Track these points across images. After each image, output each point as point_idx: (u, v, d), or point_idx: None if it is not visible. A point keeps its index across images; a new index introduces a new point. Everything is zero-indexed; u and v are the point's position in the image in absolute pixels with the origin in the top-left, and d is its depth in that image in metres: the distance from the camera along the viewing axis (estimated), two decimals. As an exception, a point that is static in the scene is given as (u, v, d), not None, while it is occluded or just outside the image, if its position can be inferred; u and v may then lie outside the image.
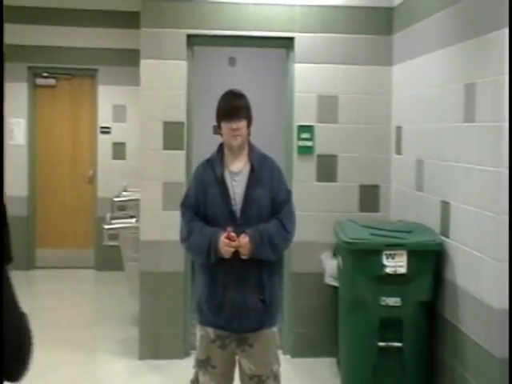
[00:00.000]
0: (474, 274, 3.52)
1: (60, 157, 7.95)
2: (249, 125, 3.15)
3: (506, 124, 3.20)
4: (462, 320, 3.66)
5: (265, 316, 3.09)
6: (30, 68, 7.69)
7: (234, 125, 3.07)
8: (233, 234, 2.98)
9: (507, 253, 3.22)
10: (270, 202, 3.11)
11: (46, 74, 7.83)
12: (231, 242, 2.98)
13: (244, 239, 2.99)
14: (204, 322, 3.15)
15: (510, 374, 3.14)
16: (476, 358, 3.48)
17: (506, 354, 3.21)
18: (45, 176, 7.91)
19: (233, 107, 3.09)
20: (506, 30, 3.18)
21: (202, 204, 3.12)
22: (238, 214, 3.07)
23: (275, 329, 3.18)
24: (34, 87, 7.83)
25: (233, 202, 3.08)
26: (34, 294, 6.83)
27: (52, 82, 7.87)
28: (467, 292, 3.59)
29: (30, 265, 7.71)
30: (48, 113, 7.91)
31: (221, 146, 3.22)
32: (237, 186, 3.10)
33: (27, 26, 7.37)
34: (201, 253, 3.07)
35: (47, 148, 7.91)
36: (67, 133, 7.96)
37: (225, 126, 3.10)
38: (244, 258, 3.00)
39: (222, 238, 2.98)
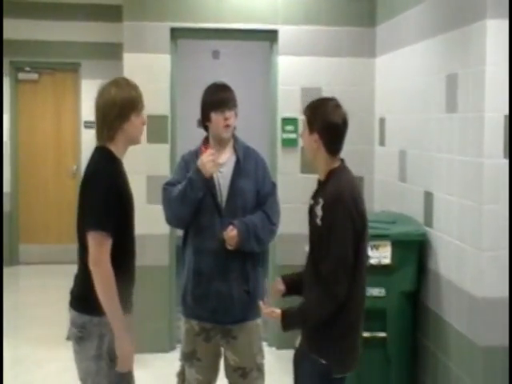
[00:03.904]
0: (456, 264, 3.55)
1: (43, 152, 7.90)
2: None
3: (487, 114, 3.23)
4: (445, 309, 3.69)
5: (249, 307, 3.09)
6: (12, 62, 7.62)
7: (228, 113, 3.07)
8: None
9: (489, 242, 3.25)
10: (255, 194, 3.11)
11: (28, 69, 7.77)
12: (210, 155, 2.95)
13: (232, 232, 2.98)
14: (188, 314, 3.15)
15: (510, 367, 3.17)
16: (458, 346, 3.51)
17: (488, 343, 3.25)
18: (28, 171, 7.86)
19: (224, 98, 3.09)
20: (487, 22, 3.20)
21: None
22: (223, 205, 3.06)
23: (259, 321, 3.18)
24: (16, 82, 7.76)
25: (218, 193, 3.07)
26: (18, 290, 6.79)
27: (35, 76, 7.81)
28: (450, 281, 3.62)
29: (13, 260, 7.67)
30: (31, 108, 7.85)
31: (206, 139, 3.21)
32: (222, 177, 3.09)
33: (9, 19, 7.29)
34: (183, 192, 2.97)
35: (30, 143, 7.86)
36: (50, 127, 7.91)
37: (216, 116, 3.07)
38: (230, 248, 3.00)
39: (201, 157, 2.97)
